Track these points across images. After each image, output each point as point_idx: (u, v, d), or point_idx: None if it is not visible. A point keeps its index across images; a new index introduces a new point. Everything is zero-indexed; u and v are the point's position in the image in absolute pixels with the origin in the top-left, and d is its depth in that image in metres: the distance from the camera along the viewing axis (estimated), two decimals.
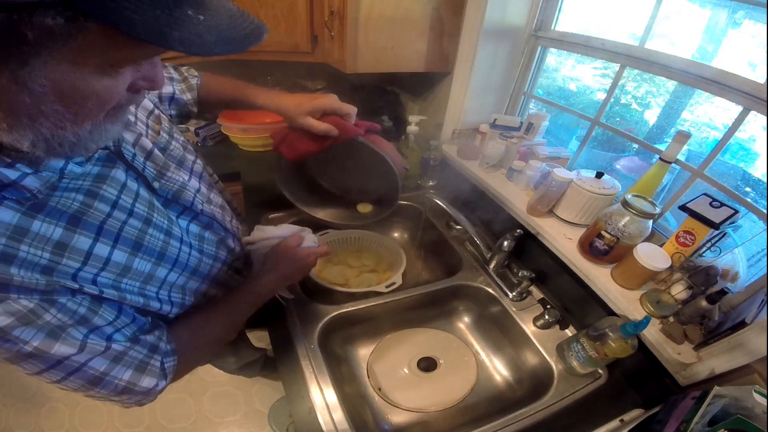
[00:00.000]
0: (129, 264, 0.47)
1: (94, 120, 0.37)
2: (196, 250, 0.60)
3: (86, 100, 0.34)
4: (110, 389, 0.46)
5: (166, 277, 0.53)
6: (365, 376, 0.86)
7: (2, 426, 1.44)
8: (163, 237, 0.53)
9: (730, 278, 0.63)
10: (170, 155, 0.61)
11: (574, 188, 0.85)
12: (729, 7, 0.81)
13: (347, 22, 1.01)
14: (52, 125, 0.34)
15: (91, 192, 0.44)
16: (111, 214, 0.46)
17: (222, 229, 0.68)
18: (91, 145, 0.39)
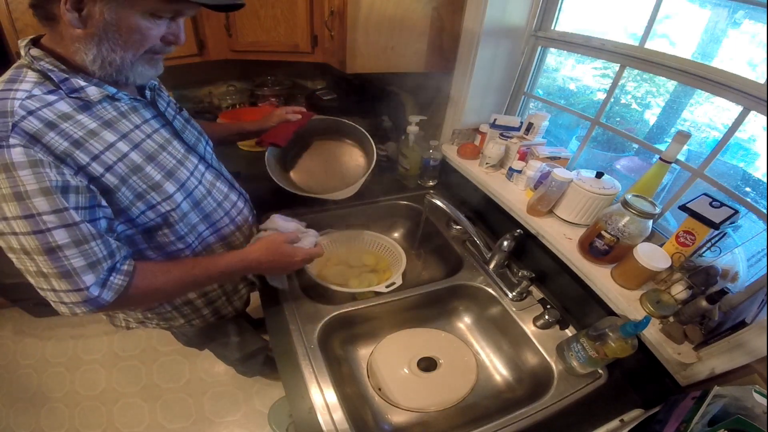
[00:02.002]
0: (142, 166, 0.60)
1: (135, 52, 0.56)
2: (204, 188, 0.73)
3: (133, 33, 0.53)
4: (57, 265, 0.52)
5: (172, 194, 0.65)
6: (365, 376, 0.86)
7: (2, 426, 1.44)
8: (175, 162, 0.67)
9: (730, 278, 0.63)
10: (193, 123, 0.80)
11: (574, 188, 0.85)
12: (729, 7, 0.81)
13: (347, 22, 1.01)
14: (110, 48, 0.54)
15: (123, 114, 0.61)
16: (134, 130, 0.62)
17: (228, 184, 0.82)
18: (130, 74, 0.58)
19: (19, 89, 0.50)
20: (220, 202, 0.78)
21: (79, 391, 1.56)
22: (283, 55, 1.31)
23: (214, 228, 0.77)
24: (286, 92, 1.78)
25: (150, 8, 0.53)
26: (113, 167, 0.56)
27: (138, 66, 0.58)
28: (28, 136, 0.48)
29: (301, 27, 1.22)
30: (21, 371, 1.63)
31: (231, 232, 0.81)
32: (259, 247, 0.73)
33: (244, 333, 1.11)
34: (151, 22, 0.54)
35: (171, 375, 1.62)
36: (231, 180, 0.85)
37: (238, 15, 1.25)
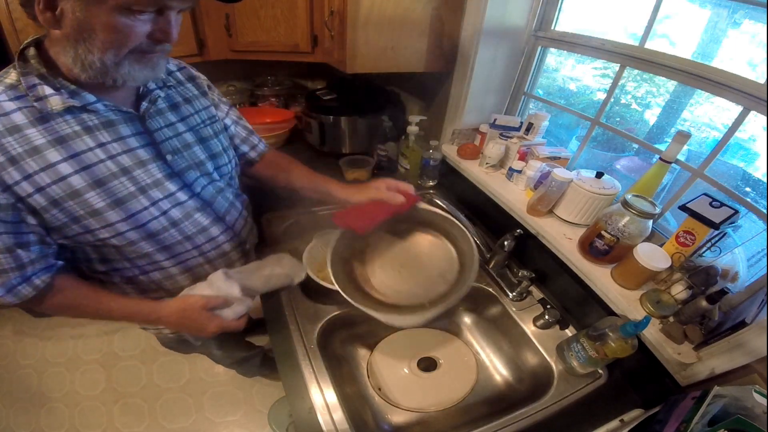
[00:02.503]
0: (82, 191, 0.55)
1: (116, 53, 0.50)
2: (168, 219, 0.66)
3: (109, 32, 0.47)
4: None
5: (114, 223, 0.59)
6: (365, 376, 0.86)
7: (2, 426, 1.44)
8: (134, 189, 0.60)
9: (730, 278, 0.63)
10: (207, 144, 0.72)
11: (574, 188, 0.85)
12: (729, 7, 0.81)
13: (347, 22, 1.01)
14: (86, 49, 0.49)
15: (90, 129, 0.56)
16: (92, 150, 0.56)
17: (213, 216, 0.74)
18: (117, 76, 0.52)
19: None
20: (191, 235, 0.70)
21: (79, 391, 1.56)
22: (283, 55, 1.31)
23: (177, 259, 0.72)
24: (286, 92, 1.78)
25: (123, 2, 0.46)
26: (45, 189, 0.53)
27: (125, 67, 0.52)
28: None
29: (301, 27, 1.22)
30: (21, 371, 1.63)
31: (199, 264, 0.76)
32: (174, 308, 0.70)
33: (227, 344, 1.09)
34: (131, 18, 0.47)
35: (171, 375, 1.62)
36: (222, 212, 0.76)
37: (238, 15, 1.25)
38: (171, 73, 0.72)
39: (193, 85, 0.74)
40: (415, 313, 0.70)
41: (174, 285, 0.75)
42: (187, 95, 0.72)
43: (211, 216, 0.73)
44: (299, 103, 1.74)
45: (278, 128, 1.51)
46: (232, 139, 0.84)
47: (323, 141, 1.44)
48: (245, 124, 0.88)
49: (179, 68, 0.74)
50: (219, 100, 0.82)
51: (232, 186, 0.81)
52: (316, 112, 1.39)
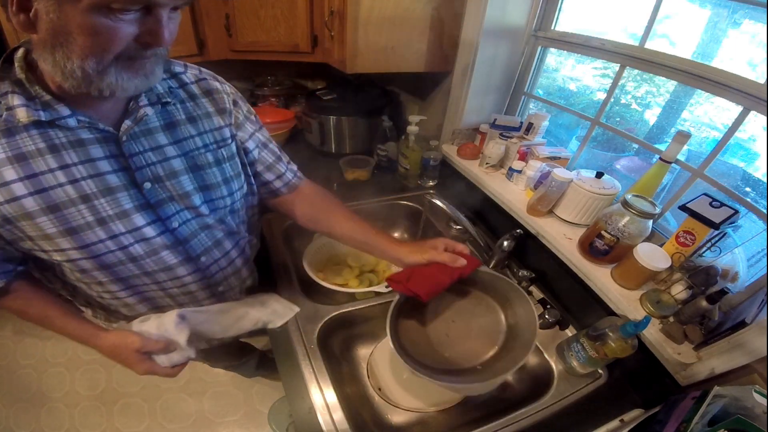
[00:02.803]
0: (34, 215, 0.50)
1: (98, 59, 0.43)
2: (126, 254, 0.58)
3: (87, 35, 0.41)
4: None
5: (65, 250, 0.54)
6: (365, 376, 0.86)
7: (2, 426, 1.44)
8: (91, 220, 0.53)
9: (730, 278, 0.63)
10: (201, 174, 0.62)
11: (574, 188, 0.85)
12: (729, 7, 0.81)
13: (347, 22, 1.01)
14: (63, 56, 0.42)
15: (55, 147, 0.50)
16: (53, 171, 0.50)
17: (185, 256, 0.65)
18: (102, 85, 0.45)
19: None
20: (151, 271, 0.63)
21: (79, 391, 1.56)
22: (283, 55, 1.31)
23: (133, 291, 0.66)
24: (286, 92, 1.78)
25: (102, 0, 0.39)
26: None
27: (110, 75, 0.45)
28: None
29: (301, 27, 1.22)
30: (21, 371, 1.63)
31: (159, 296, 0.70)
32: (110, 342, 0.65)
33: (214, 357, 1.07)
34: (112, 19, 0.40)
35: None
36: (197, 253, 0.66)
37: (238, 15, 1.25)
38: (184, 85, 0.62)
39: (209, 101, 0.64)
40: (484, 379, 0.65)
41: (131, 311, 0.71)
42: (194, 113, 0.62)
43: (181, 255, 0.64)
44: (299, 103, 1.74)
45: (278, 128, 1.51)
46: (252, 166, 0.73)
47: (323, 141, 1.44)
48: (274, 148, 0.77)
49: (197, 80, 0.64)
50: (245, 119, 0.71)
51: (227, 223, 0.70)
52: (316, 112, 1.39)
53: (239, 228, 0.75)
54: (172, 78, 0.61)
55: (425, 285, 0.66)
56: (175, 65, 0.63)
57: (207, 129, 0.63)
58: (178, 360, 0.70)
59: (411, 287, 0.65)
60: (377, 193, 1.27)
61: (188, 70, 0.64)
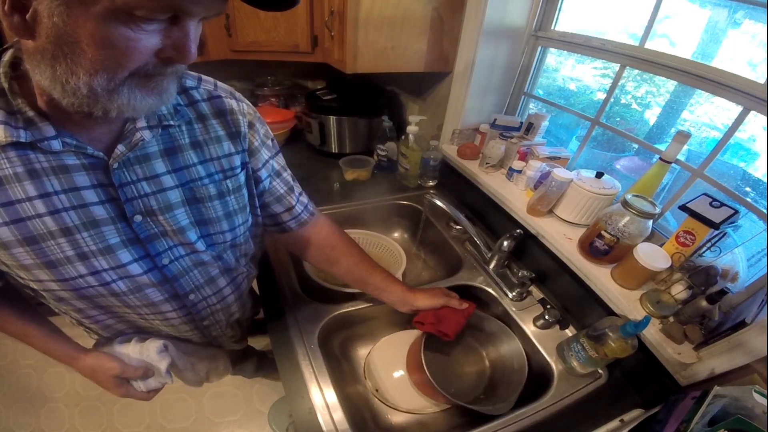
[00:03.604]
0: (9, 245, 0.45)
1: (110, 75, 0.35)
2: (107, 289, 0.53)
3: (101, 47, 0.33)
4: None
5: (44, 281, 0.50)
6: (364, 376, 0.86)
7: (2, 426, 1.44)
8: (71, 254, 0.48)
9: (730, 278, 0.63)
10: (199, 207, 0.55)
11: (574, 188, 0.85)
12: (729, 7, 0.81)
13: (347, 22, 1.01)
14: (67, 68, 0.34)
15: (35, 173, 0.43)
16: (31, 200, 0.43)
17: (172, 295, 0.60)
18: (110, 105, 0.38)
19: None
20: (135, 306, 0.58)
21: (79, 391, 1.56)
22: (283, 55, 1.31)
23: (112, 316, 0.63)
24: (286, 92, 1.78)
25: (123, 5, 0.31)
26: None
27: (122, 95, 0.37)
28: None
29: (301, 27, 1.22)
30: (21, 371, 1.63)
31: (140, 323, 0.66)
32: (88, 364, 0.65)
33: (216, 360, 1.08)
34: (133, 29, 0.33)
35: None
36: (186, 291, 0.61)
37: (238, 15, 1.25)
38: (194, 103, 0.53)
39: (220, 123, 0.56)
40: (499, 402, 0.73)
41: (110, 332, 0.69)
42: (200, 137, 0.54)
43: (168, 293, 0.59)
44: (299, 103, 1.74)
45: (278, 128, 1.51)
46: (261, 197, 0.65)
47: (323, 141, 1.44)
48: (288, 177, 0.69)
49: (210, 97, 0.55)
50: (261, 144, 0.62)
51: (224, 260, 0.64)
52: (316, 112, 1.39)
53: (238, 263, 0.69)
54: (182, 94, 0.52)
55: (451, 326, 0.76)
56: (188, 78, 0.54)
57: (213, 156, 0.55)
58: (155, 386, 0.71)
59: (439, 327, 0.76)
60: (377, 193, 1.27)
61: (201, 85, 0.55)
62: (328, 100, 1.41)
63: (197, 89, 0.54)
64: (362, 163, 1.35)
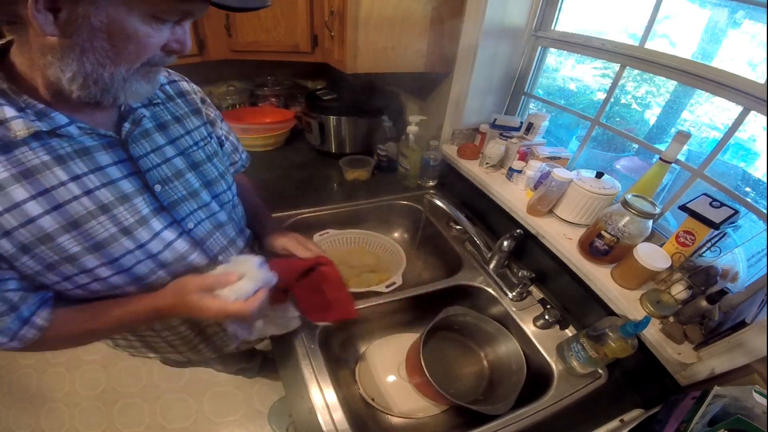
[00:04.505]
0: (54, 235, 0.46)
1: (130, 65, 0.43)
2: (156, 262, 0.56)
3: (129, 42, 0.41)
4: None
5: (94, 268, 0.51)
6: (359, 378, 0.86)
7: (2, 426, 1.44)
8: (116, 231, 0.51)
9: (730, 278, 0.63)
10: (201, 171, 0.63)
11: (574, 188, 0.85)
12: (729, 7, 0.81)
13: (347, 22, 1.01)
14: (95, 61, 0.41)
15: (61, 158, 0.46)
16: (65, 184, 0.46)
17: (206, 259, 0.63)
18: (120, 94, 0.45)
19: None
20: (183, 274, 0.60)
21: (79, 391, 1.56)
22: (283, 55, 1.31)
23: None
24: (286, 92, 1.78)
25: (154, 10, 0.41)
26: (12, 233, 0.44)
27: (132, 83, 0.45)
28: None
29: (301, 27, 1.22)
30: (21, 371, 1.63)
31: None
32: (169, 293, 0.58)
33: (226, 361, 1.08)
34: (153, 28, 0.42)
35: (171, 375, 1.62)
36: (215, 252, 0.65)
37: (238, 15, 1.25)
38: (161, 86, 0.62)
39: (184, 102, 0.64)
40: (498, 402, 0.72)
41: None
42: (177, 113, 0.62)
43: (205, 256, 0.63)
44: (299, 103, 1.74)
45: (278, 128, 1.51)
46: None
47: (323, 141, 1.44)
48: (233, 139, 0.80)
49: (169, 81, 0.64)
50: (216, 115, 0.72)
51: (235, 219, 0.71)
52: (316, 112, 1.39)
53: (243, 222, 0.76)
54: None
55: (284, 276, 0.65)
56: None
57: (191, 128, 0.63)
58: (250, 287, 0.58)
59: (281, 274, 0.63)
60: (377, 193, 1.27)
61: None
62: (328, 100, 1.41)
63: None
64: (362, 163, 1.35)
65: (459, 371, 0.88)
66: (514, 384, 0.76)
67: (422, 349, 0.75)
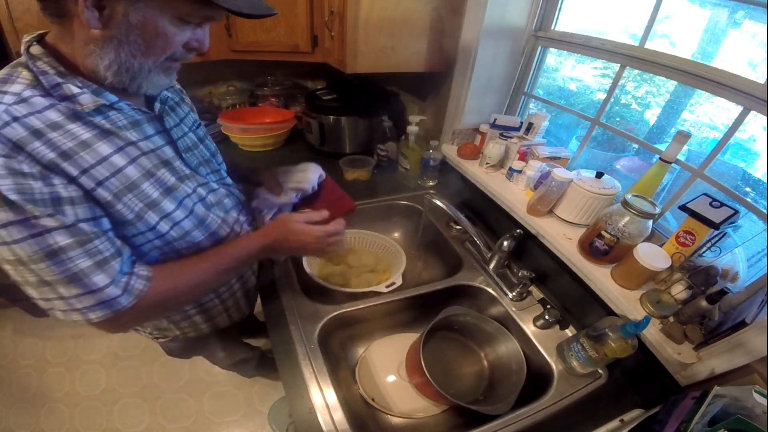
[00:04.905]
0: (138, 183, 0.55)
1: (156, 58, 0.52)
2: (206, 204, 0.67)
3: (157, 38, 0.49)
4: (61, 270, 0.48)
5: (171, 213, 0.60)
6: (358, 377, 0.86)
7: (2, 426, 1.44)
8: (175, 180, 0.61)
9: (730, 278, 0.63)
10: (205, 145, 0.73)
11: (574, 188, 0.85)
12: (729, 7, 0.81)
13: (347, 22, 1.01)
14: (128, 53, 0.49)
15: (120, 128, 0.55)
16: (134, 143, 0.56)
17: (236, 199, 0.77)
18: (144, 83, 0.54)
19: (8, 92, 0.46)
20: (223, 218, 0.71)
21: (79, 391, 1.56)
22: (283, 55, 1.31)
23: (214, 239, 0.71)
24: (286, 92, 1.78)
25: (180, 12, 0.49)
26: (105, 182, 0.51)
27: (154, 74, 0.53)
28: (11, 144, 0.44)
29: (301, 27, 1.22)
30: (21, 371, 1.63)
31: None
32: (273, 228, 0.72)
33: (230, 346, 1.09)
34: (178, 28, 0.50)
35: (171, 375, 1.62)
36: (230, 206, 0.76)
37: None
38: None
39: (173, 92, 0.71)
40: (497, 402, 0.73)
41: None
42: (177, 99, 0.71)
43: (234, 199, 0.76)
44: (299, 103, 1.74)
45: (278, 128, 1.51)
46: None
47: (323, 141, 1.44)
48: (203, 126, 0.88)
49: None
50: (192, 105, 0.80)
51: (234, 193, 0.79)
52: (316, 112, 1.39)
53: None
54: None
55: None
56: None
57: (186, 112, 0.72)
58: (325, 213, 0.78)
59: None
60: (377, 193, 1.27)
61: None
62: (328, 100, 1.41)
63: None
64: (362, 163, 1.35)
65: (459, 371, 0.88)
66: (514, 384, 0.76)
67: (422, 349, 0.75)
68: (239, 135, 1.48)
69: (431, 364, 0.73)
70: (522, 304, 0.89)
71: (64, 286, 0.49)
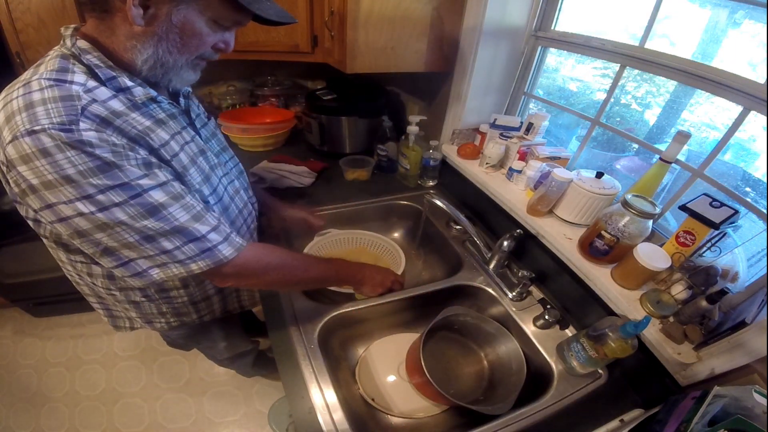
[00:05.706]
0: (188, 168, 0.61)
1: (189, 56, 0.56)
2: (228, 194, 0.73)
3: (193, 38, 0.54)
4: (165, 223, 0.53)
5: (206, 198, 0.65)
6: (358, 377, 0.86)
7: (2, 426, 1.44)
8: (209, 169, 0.67)
9: (730, 278, 0.63)
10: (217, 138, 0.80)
11: (574, 188, 0.85)
12: (729, 7, 0.81)
13: (347, 22, 1.01)
14: (166, 49, 0.53)
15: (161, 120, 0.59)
16: (179, 133, 0.61)
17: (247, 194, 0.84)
18: (174, 78, 0.58)
19: (75, 81, 0.49)
20: (240, 210, 0.78)
21: (79, 391, 1.56)
22: (283, 55, 1.31)
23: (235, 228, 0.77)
24: (286, 92, 1.78)
25: (216, 16, 0.53)
26: (172, 162, 0.57)
27: (184, 70, 0.58)
28: (98, 119, 0.48)
29: (301, 27, 1.22)
30: (21, 371, 1.63)
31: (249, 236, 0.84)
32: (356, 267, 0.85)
33: (232, 336, 1.10)
34: (212, 29, 0.55)
35: (171, 375, 1.62)
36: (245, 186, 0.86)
37: None
38: None
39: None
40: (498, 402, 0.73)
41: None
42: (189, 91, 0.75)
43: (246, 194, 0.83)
44: (299, 103, 1.74)
45: (278, 128, 1.51)
46: None
47: (323, 141, 1.44)
48: None
49: None
50: None
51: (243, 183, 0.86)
52: (316, 112, 1.39)
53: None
54: None
55: None
56: None
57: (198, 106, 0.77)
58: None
59: None
60: (377, 193, 1.27)
61: None
62: (328, 100, 1.41)
63: None
64: (362, 163, 1.34)
65: (459, 371, 0.88)
66: (514, 384, 0.76)
67: (422, 349, 0.75)
68: (239, 135, 1.48)
69: (431, 364, 0.73)
70: (522, 304, 0.89)
71: (168, 238, 0.54)
